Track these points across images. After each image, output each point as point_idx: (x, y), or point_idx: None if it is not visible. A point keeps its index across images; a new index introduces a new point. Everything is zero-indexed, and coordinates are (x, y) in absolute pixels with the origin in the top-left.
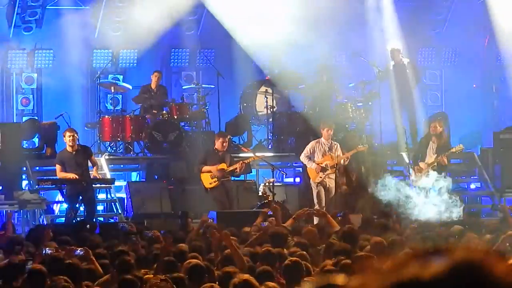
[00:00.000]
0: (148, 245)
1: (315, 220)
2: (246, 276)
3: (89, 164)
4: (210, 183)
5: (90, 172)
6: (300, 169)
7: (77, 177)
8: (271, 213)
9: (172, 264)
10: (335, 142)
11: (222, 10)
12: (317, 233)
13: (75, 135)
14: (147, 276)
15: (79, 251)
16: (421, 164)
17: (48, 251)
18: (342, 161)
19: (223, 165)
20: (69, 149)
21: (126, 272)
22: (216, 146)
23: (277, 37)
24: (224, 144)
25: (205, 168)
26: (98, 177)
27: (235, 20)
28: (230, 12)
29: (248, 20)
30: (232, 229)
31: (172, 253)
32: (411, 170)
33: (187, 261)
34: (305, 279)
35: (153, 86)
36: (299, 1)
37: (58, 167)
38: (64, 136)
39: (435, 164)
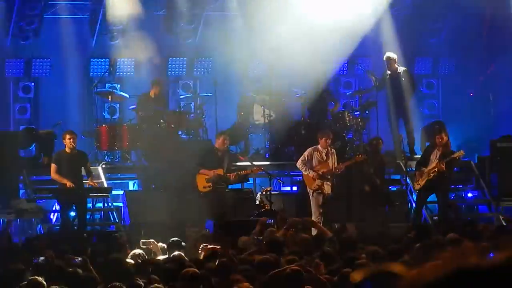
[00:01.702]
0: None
1: (313, 230)
2: (246, 285)
3: (83, 172)
4: (204, 187)
5: (84, 182)
6: (298, 178)
7: (72, 185)
8: (271, 221)
9: (171, 272)
10: (332, 149)
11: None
12: (313, 241)
13: (75, 137)
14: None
15: (77, 259)
16: (423, 171)
17: (41, 259)
18: (337, 170)
19: (220, 171)
20: (68, 150)
21: (125, 280)
22: (216, 146)
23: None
24: (225, 141)
25: (203, 171)
26: (94, 185)
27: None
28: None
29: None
30: (228, 238)
31: (171, 262)
32: (408, 179)
33: (185, 270)
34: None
35: (152, 95)
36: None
37: (54, 166)
38: (64, 138)
39: (435, 170)
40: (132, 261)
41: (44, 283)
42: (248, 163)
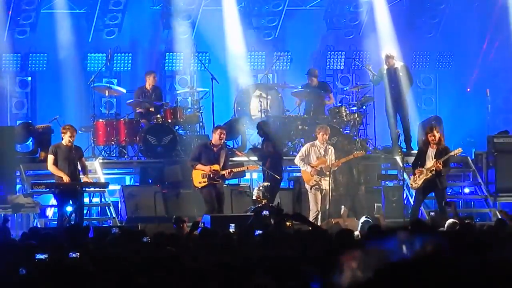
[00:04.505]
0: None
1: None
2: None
3: (78, 167)
4: (200, 182)
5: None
6: (294, 173)
7: (69, 179)
8: (266, 212)
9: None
10: (329, 146)
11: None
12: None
13: (74, 132)
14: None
15: (74, 254)
16: (421, 170)
17: (41, 256)
18: (334, 167)
19: (216, 167)
20: (65, 144)
21: (123, 276)
22: (212, 141)
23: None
24: (221, 136)
25: (199, 166)
26: (89, 182)
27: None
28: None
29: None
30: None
31: (167, 257)
32: (405, 174)
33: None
34: None
35: (148, 87)
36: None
37: (50, 157)
38: (63, 132)
39: (433, 169)
40: None
41: None
42: (245, 158)
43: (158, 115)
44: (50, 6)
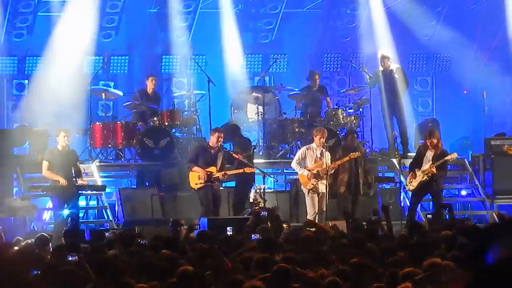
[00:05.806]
0: (142, 252)
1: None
2: (259, 283)
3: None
4: (196, 184)
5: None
6: (291, 176)
7: (65, 182)
8: (264, 213)
9: (165, 271)
10: (326, 150)
11: None
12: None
13: (70, 135)
14: (141, 285)
15: (72, 257)
16: (417, 172)
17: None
18: (331, 170)
19: (212, 169)
20: (60, 148)
21: (118, 278)
22: (210, 143)
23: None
24: (219, 138)
25: (195, 168)
26: (85, 184)
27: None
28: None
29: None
30: (226, 235)
31: (164, 260)
32: (402, 177)
33: (180, 268)
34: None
35: (149, 91)
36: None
37: (46, 164)
38: (58, 136)
39: (428, 172)
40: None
41: None
42: (243, 161)
43: (155, 118)
44: (47, 9)
